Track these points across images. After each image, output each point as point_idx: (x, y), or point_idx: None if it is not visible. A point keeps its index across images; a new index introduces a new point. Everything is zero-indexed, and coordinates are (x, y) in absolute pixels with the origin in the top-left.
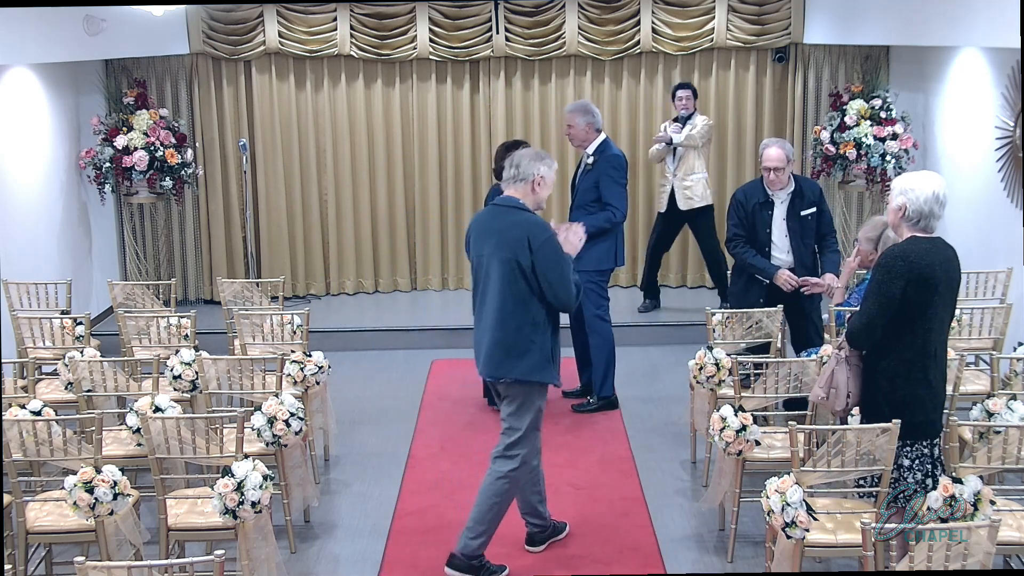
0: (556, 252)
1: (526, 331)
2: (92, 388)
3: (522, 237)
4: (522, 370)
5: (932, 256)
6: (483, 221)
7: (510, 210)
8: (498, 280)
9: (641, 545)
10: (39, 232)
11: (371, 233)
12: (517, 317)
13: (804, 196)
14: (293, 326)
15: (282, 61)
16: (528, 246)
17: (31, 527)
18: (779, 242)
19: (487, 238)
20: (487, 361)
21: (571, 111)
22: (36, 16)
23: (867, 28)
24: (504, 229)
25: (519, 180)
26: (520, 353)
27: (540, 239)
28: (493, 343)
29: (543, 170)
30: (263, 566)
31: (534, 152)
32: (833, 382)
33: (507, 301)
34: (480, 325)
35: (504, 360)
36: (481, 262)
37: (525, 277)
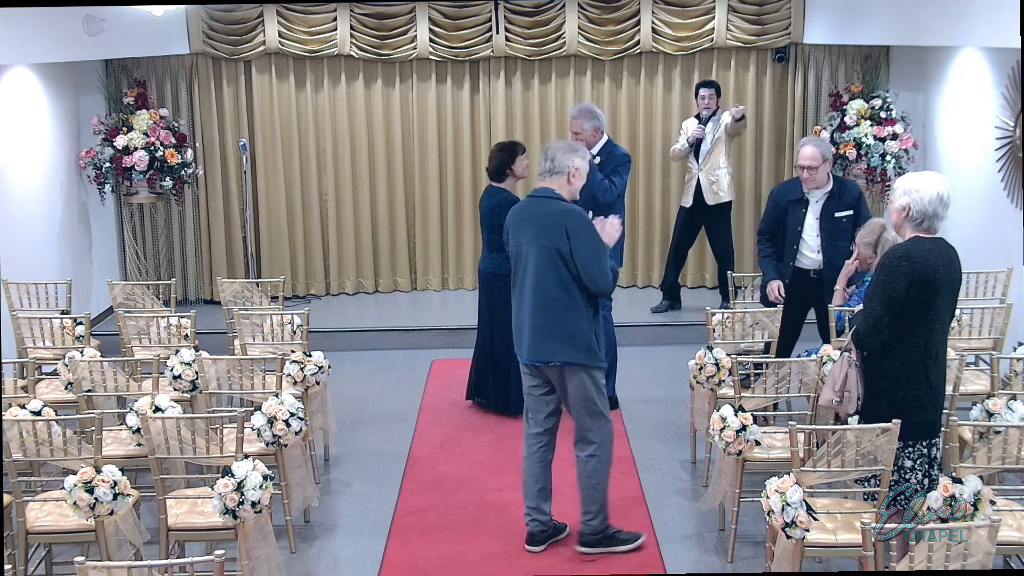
0: (592, 238)
1: (571, 315)
2: (92, 388)
3: (560, 225)
4: (568, 353)
5: (935, 257)
6: (521, 212)
7: (547, 200)
8: (539, 267)
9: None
10: (39, 232)
11: (371, 233)
12: (561, 302)
13: (840, 198)
14: (293, 326)
15: (282, 61)
16: (566, 233)
17: (31, 527)
18: (810, 241)
19: (525, 227)
20: (532, 346)
21: (577, 116)
22: (36, 16)
23: (867, 28)
24: (542, 218)
25: (555, 173)
26: (565, 337)
27: (577, 226)
28: (537, 328)
29: (577, 162)
30: (263, 566)
31: (567, 144)
32: (846, 385)
33: (550, 287)
34: (520, 311)
35: (550, 344)
36: (520, 251)
37: (565, 263)
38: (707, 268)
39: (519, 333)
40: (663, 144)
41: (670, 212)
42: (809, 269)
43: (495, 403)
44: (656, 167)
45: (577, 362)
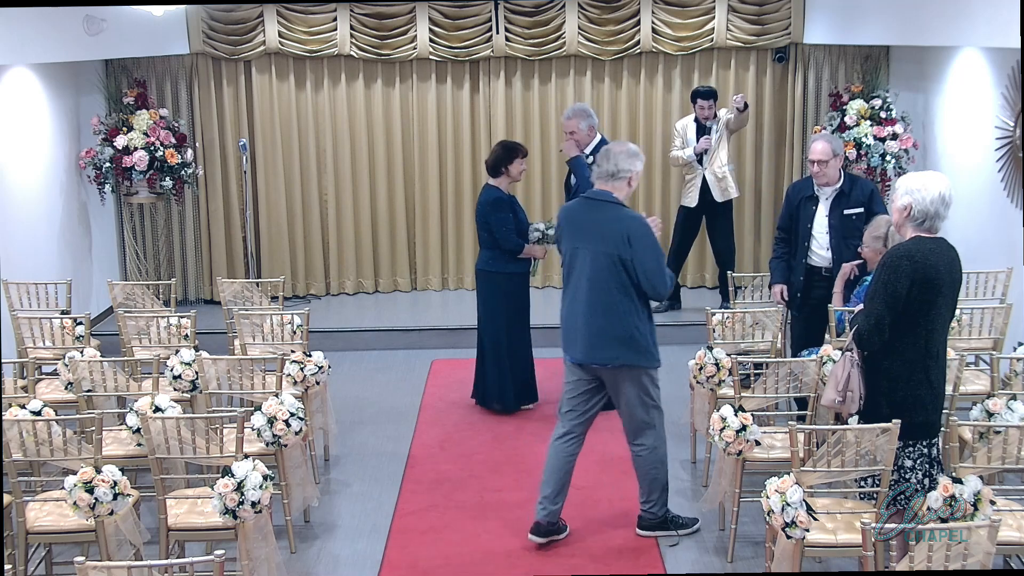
0: (653, 245)
1: (631, 319)
2: (92, 388)
3: (623, 231)
4: (629, 356)
5: (936, 256)
6: (577, 214)
7: (606, 204)
8: (599, 272)
9: (641, 545)
10: (39, 232)
11: (371, 233)
12: (621, 306)
13: (850, 196)
14: (293, 326)
15: (282, 61)
16: (628, 240)
17: (31, 527)
18: (819, 238)
19: (584, 231)
20: (591, 349)
21: (571, 117)
22: (36, 16)
23: (867, 28)
24: (603, 223)
25: (617, 178)
26: (625, 340)
27: (639, 234)
28: (597, 331)
29: (638, 167)
30: (263, 566)
31: (629, 149)
32: (849, 385)
33: (610, 292)
34: (573, 313)
35: (610, 348)
36: (576, 254)
37: (626, 269)
38: (707, 268)
39: (570, 333)
40: (663, 144)
41: (670, 212)
42: (820, 267)
43: (493, 401)
44: (656, 167)
45: (639, 364)
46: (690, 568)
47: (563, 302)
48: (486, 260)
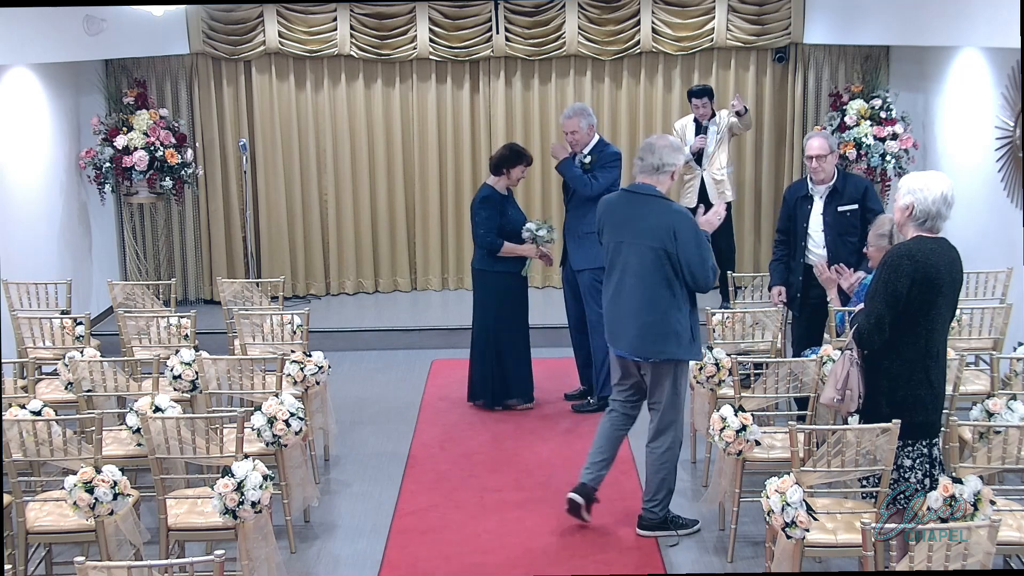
0: (698, 238)
1: (673, 313)
2: (92, 388)
3: (668, 225)
4: (672, 350)
5: (938, 256)
6: (619, 208)
7: (649, 198)
8: (644, 266)
9: (641, 545)
10: (39, 232)
11: (371, 233)
12: (665, 301)
13: (843, 192)
14: (293, 326)
15: (282, 61)
16: (673, 234)
17: (31, 527)
18: (815, 236)
19: (626, 225)
20: (636, 343)
21: (572, 116)
22: (36, 16)
23: (867, 28)
24: (647, 217)
25: (660, 171)
26: (669, 335)
27: (684, 227)
28: (642, 326)
29: (680, 160)
30: (263, 566)
31: (672, 143)
32: (848, 384)
33: (655, 286)
34: (618, 307)
35: (655, 341)
36: (620, 248)
37: (671, 262)
38: None
39: (615, 327)
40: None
41: None
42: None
43: (478, 396)
44: None
45: (680, 357)
46: (690, 568)
47: (605, 294)
48: (479, 258)
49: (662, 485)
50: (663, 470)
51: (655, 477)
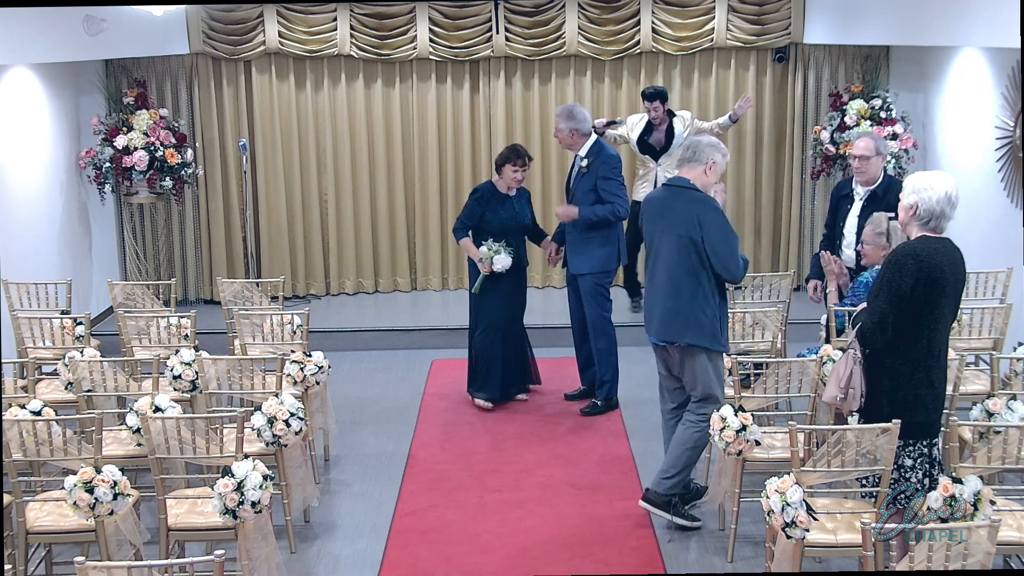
0: (724, 228)
1: (698, 301)
2: (92, 388)
3: (694, 214)
4: (693, 336)
5: (941, 256)
6: (657, 201)
7: (682, 190)
8: (672, 255)
9: (641, 545)
10: (39, 232)
11: (371, 233)
12: (690, 288)
13: (883, 199)
14: (293, 326)
15: (282, 61)
16: (699, 223)
17: (31, 527)
18: (848, 237)
19: (661, 216)
20: (660, 327)
21: (557, 115)
22: (36, 16)
23: (867, 28)
24: (677, 207)
25: (694, 162)
26: (692, 321)
27: (710, 216)
28: (667, 311)
29: (717, 158)
30: (263, 566)
31: (712, 140)
32: (851, 383)
33: (680, 273)
34: (651, 295)
35: (677, 327)
36: (654, 238)
37: (697, 251)
38: None
39: (648, 314)
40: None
41: None
42: (848, 264)
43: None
44: None
45: (700, 345)
46: (690, 568)
47: (645, 285)
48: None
49: (679, 460)
50: (686, 445)
51: (679, 449)
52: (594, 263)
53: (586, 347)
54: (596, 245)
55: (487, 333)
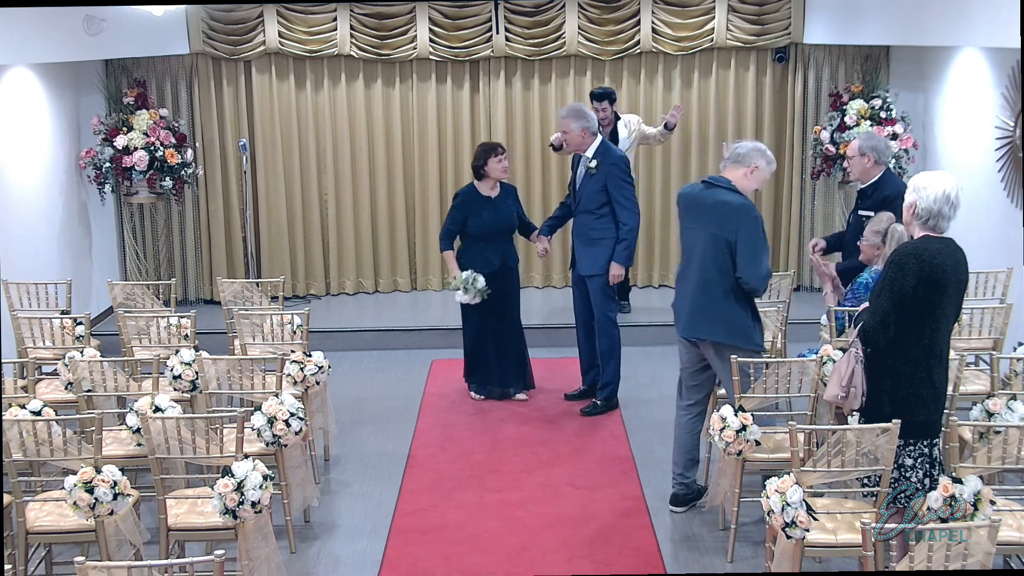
0: (757, 237)
1: (729, 300)
2: (92, 388)
3: (732, 217)
4: (722, 334)
5: (944, 256)
6: (694, 197)
7: (722, 190)
8: (706, 252)
9: (641, 545)
10: (39, 232)
11: (371, 233)
12: (721, 287)
13: (870, 197)
14: (293, 326)
15: (282, 61)
16: (734, 226)
17: (31, 527)
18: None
19: (697, 212)
20: (690, 323)
21: (564, 116)
22: (36, 16)
23: (867, 28)
24: (714, 206)
25: (737, 163)
26: (721, 318)
27: (746, 222)
28: (697, 307)
29: (761, 163)
30: (263, 566)
31: (760, 146)
32: (852, 381)
33: (713, 272)
34: (681, 290)
35: (707, 324)
36: (691, 234)
37: (730, 252)
38: None
39: (678, 309)
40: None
41: (670, 212)
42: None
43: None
44: (657, 167)
45: (730, 343)
46: (690, 568)
47: (677, 280)
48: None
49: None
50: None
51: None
52: (603, 264)
53: (590, 347)
54: (605, 246)
55: (473, 331)
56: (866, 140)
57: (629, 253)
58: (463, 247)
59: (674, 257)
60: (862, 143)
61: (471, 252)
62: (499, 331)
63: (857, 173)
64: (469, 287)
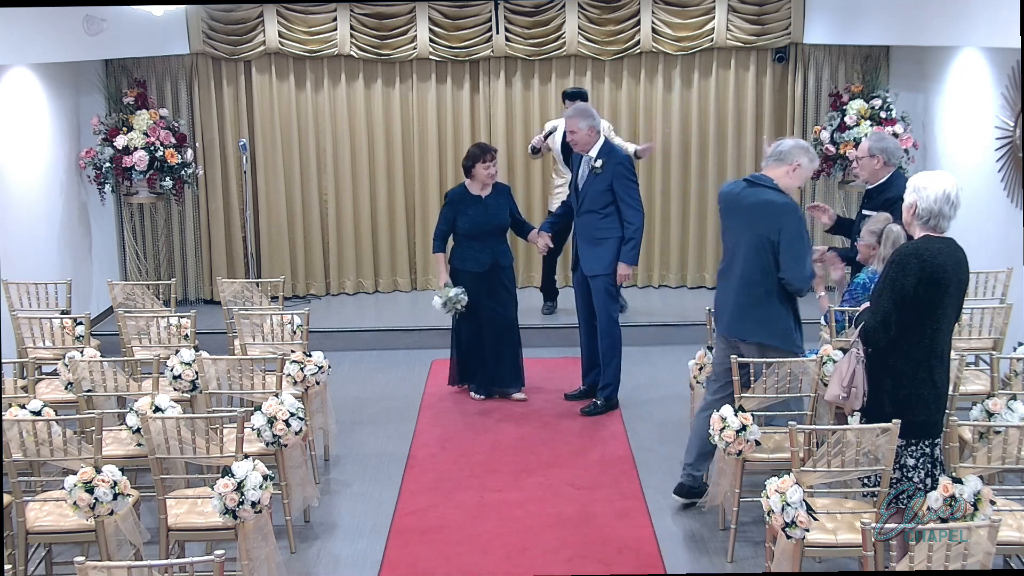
0: (800, 237)
1: (770, 301)
2: (92, 388)
3: (775, 217)
4: (762, 334)
5: (944, 256)
6: (736, 196)
7: (764, 189)
8: (748, 252)
9: (641, 545)
10: (39, 232)
11: (371, 233)
12: (762, 286)
13: (874, 197)
14: (293, 326)
15: (282, 61)
16: (777, 226)
17: (31, 527)
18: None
19: (738, 212)
20: (731, 323)
21: (572, 117)
22: (36, 16)
23: (867, 28)
24: (756, 205)
25: (779, 161)
26: (762, 319)
27: (789, 222)
28: (738, 307)
29: (804, 161)
30: (263, 566)
31: (802, 143)
32: (854, 381)
33: (753, 271)
34: (723, 289)
35: (748, 324)
36: (732, 233)
37: (772, 252)
38: (707, 268)
39: (719, 307)
40: (662, 144)
41: (670, 212)
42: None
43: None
44: (657, 167)
45: (770, 344)
46: (690, 568)
47: (719, 278)
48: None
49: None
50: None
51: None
52: (608, 264)
53: (593, 348)
54: (611, 246)
55: (467, 331)
56: (876, 141)
57: (636, 252)
58: (454, 246)
59: (674, 257)
60: (872, 144)
61: (462, 251)
62: (493, 331)
63: (866, 174)
64: (449, 303)
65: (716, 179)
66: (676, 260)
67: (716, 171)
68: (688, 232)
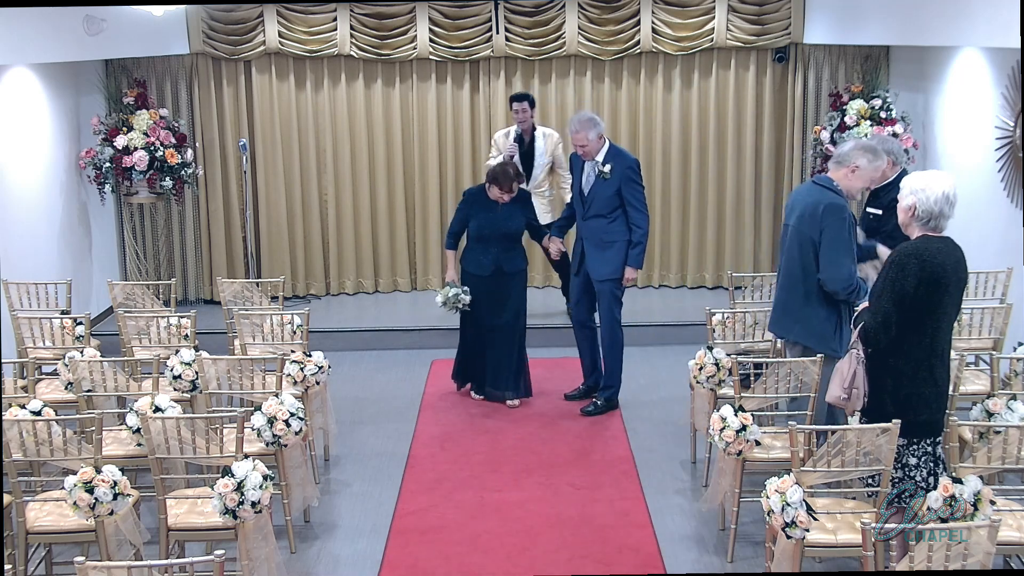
0: (840, 237)
1: (809, 300)
2: (92, 388)
3: (817, 214)
4: (800, 334)
5: (944, 256)
6: (796, 195)
7: (821, 189)
8: (793, 250)
9: (641, 545)
10: (39, 232)
11: (371, 233)
12: (804, 285)
13: (877, 197)
14: (293, 326)
15: (282, 61)
16: (820, 225)
17: (31, 527)
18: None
19: (793, 211)
20: (774, 320)
21: (580, 127)
22: (36, 16)
23: (867, 28)
24: (809, 204)
25: (839, 163)
26: (801, 318)
27: (831, 222)
28: (779, 304)
29: (862, 162)
30: (263, 566)
31: (864, 144)
32: (855, 382)
33: (797, 269)
34: (777, 287)
35: (787, 322)
36: (787, 231)
37: (814, 251)
38: (707, 268)
39: (773, 306)
40: (663, 144)
41: (670, 212)
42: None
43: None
44: (656, 168)
45: (807, 344)
46: (690, 568)
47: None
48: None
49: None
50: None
51: None
52: (616, 268)
53: (592, 349)
54: (619, 250)
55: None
56: (881, 143)
57: (643, 256)
58: (465, 246)
59: (674, 257)
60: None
61: (469, 252)
62: (491, 335)
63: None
64: (448, 302)
65: (716, 179)
66: (676, 260)
67: (716, 171)
68: (688, 232)
